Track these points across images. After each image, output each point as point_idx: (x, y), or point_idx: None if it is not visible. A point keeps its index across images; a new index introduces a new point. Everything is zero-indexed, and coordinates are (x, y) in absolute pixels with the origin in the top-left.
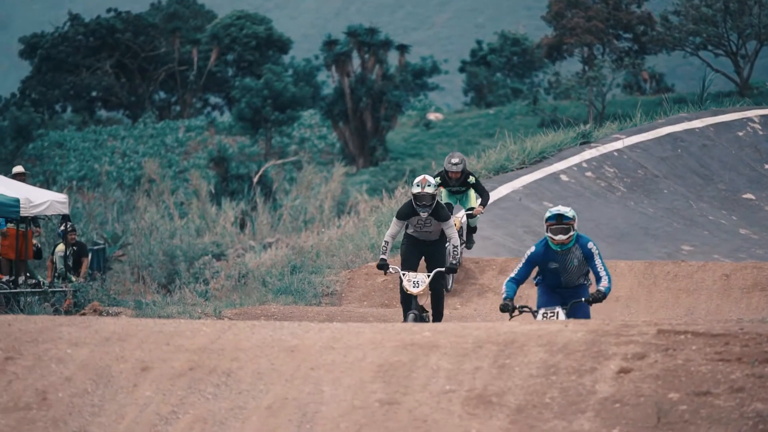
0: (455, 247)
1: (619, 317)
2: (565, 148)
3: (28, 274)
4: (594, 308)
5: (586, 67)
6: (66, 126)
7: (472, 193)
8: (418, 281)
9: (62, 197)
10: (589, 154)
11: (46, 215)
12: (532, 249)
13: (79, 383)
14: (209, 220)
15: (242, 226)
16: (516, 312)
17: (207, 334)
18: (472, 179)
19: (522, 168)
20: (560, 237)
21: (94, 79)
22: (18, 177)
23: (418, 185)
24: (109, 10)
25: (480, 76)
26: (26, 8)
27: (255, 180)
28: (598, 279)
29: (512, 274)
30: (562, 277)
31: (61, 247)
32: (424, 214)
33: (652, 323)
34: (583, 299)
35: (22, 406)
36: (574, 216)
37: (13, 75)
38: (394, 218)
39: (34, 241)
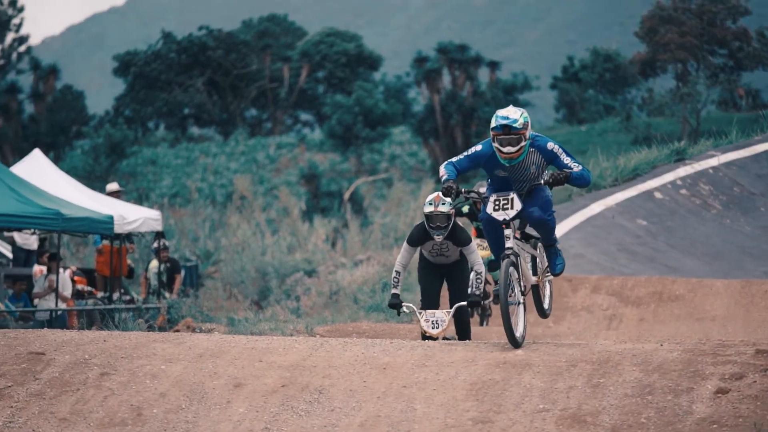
0: (478, 274)
1: (715, 337)
2: (659, 165)
3: (122, 291)
4: (690, 327)
5: (680, 84)
6: (159, 143)
7: None
8: (437, 321)
9: (156, 214)
10: (683, 171)
11: (139, 232)
12: (478, 147)
13: (174, 399)
14: (300, 237)
15: (333, 243)
16: (458, 190)
17: (299, 351)
18: None
19: (615, 185)
20: (508, 149)
21: (186, 97)
22: (113, 194)
23: (430, 203)
24: (201, 28)
25: (572, 92)
26: (120, 27)
27: (346, 197)
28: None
29: (452, 159)
30: (513, 186)
31: (154, 263)
32: (438, 238)
33: (750, 343)
34: (542, 180)
35: (118, 421)
36: (526, 122)
37: (107, 93)
38: (405, 244)
39: (128, 261)
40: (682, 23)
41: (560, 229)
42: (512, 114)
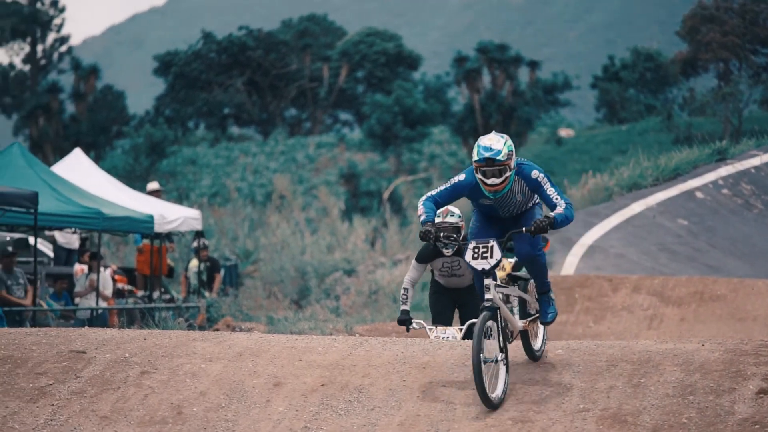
0: None
1: (757, 337)
2: (700, 164)
3: (162, 290)
4: (731, 327)
5: (722, 83)
6: (199, 142)
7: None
8: (448, 337)
9: (196, 213)
10: (725, 170)
11: (179, 231)
12: (461, 177)
13: (214, 398)
14: (340, 237)
15: (372, 243)
16: (436, 235)
17: (339, 350)
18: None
19: (656, 185)
20: (492, 181)
21: (226, 96)
22: (153, 193)
23: (438, 215)
24: (240, 28)
25: (612, 92)
26: (160, 27)
27: (385, 196)
28: (552, 208)
29: (431, 192)
30: (499, 211)
31: (194, 262)
32: (448, 252)
33: None
34: (524, 229)
35: (158, 420)
36: (510, 152)
37: (147, 93)
38: (414, 261)
39: (169, 261)
40: (724, 22)
41: (601, 229)
42: (495, 144)
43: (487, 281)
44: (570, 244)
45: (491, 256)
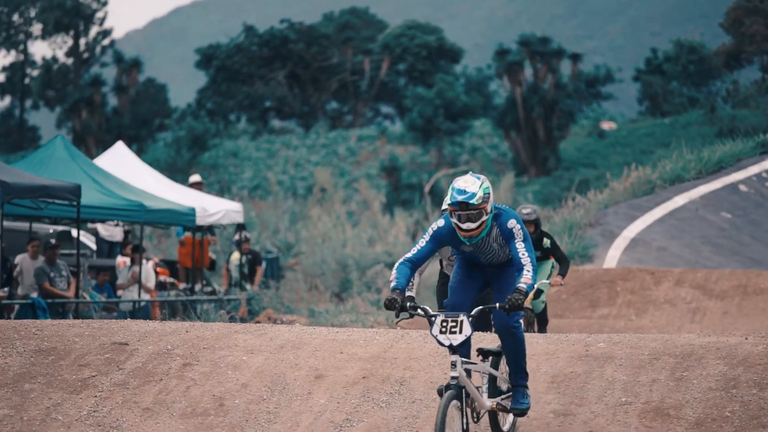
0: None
1: None
2: (744, 157)
3: (204, 282)
4: None
5: (766, 75)
6: (240, 135)
7: (547, 265)
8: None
9: (237, 206)
10: None
11: (221, 224)
12: (440, 223)
13: (255, 390)
14: (381, 230)
15: (414, 236)
16: (405, 315)
17: (380, 343)
18: (547, 242)
19: (699, 178)
20: (468, 226)
21: (267, 90)
22: (195, 186)
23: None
24: (282, 21)
25: (655, 84)
26: (202, 20)
27: (426, 189)
28: (519, 269)
29: (409, 253)
30: (481, 259)
31: (236, 255)
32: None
33: None
34: (497, 305)
35: (200, 411)
36: (486, 195)
37: (189, 85)
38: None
39: (210, 254)
40: None
41: (643, 222)
42: (470, 187)
43: (453, 358)
44: (612, 237)
45: (460, 332)
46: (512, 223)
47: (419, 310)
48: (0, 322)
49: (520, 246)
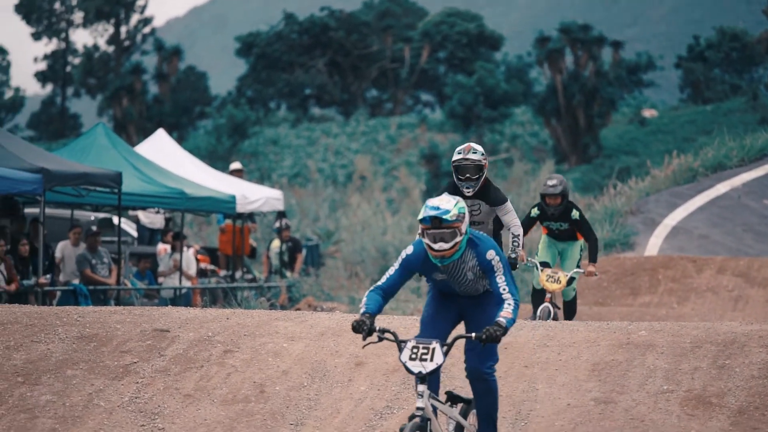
0: (515, 236)
1: None
2: None
3: (244, 269)
4: None
5: None
6: (280, 123)
7: (576, 247)
8: None
9: (278, 194)
10: None
11: (261, 211)
12: (410, 250)
13: (296, 377)
14: None
15: None
16: (373, 337)
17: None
18: (575, 214)
19: (741, 165)
20: (440, 246)
21: (307, 77)
22: (235, 173)
23: (459, 152)
24: (322, 9)
25: (697, 71)
26: (242, 8)
27: None
28: (499, 302)
29: (380, 281)
30: (456, 288)
31: (276, 243)
32: (468, 192)
33: None
34: (473, 335)
35: (241, 398)
36: (460, 214)
37: (229, 73)
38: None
39: (251, 241)
40: None
41: (684, 210)
42: (444, 204)
43: (421, 388)
44: (653, 225)
45: (431, 360)
46: (491, 255)
47: (388, 335)
48: (42, 309)
49: (500, 280)
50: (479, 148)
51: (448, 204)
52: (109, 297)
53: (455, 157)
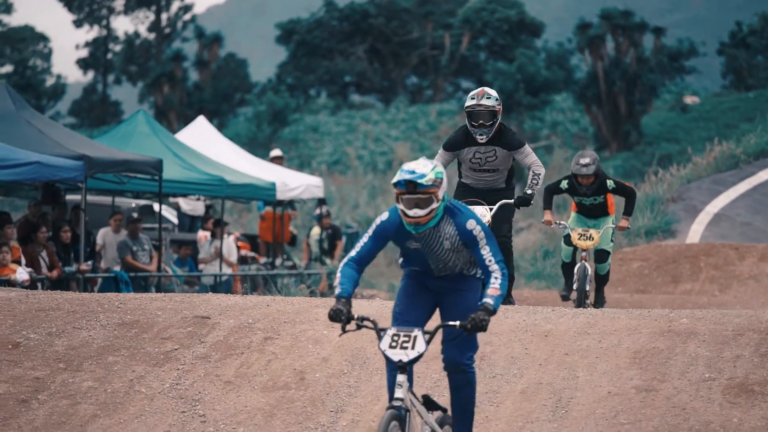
0: (536, 175)
1: None
2: None
3: (284, 256)
4: None
5: None
6: (320, 110)
7: (608, 221)
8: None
9: (317, 181)
10: None
11: (301, 198)
12: (384, 216)
13: (336, 364)
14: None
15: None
16: (352, 325)
17: None
18: (610, 183)
19: None
20: (415, 212)
21: (347, 64)
22: (275, 160)
23: (472, 97)
24: None
25: (739, 58)
26: None
27: None
28: (487, 276)
29: (353, 251)
30: (431, 263)
31: (316, 230)
32: (482, 139)
33: None
34: (458, 323)
35: (281, 385)
36: (437, 179)
37: (269, 61)
38: (441, 150)
39: (291, 228)
40: None
41: (726, 197)
42: (420, 168)
43: (401, 378)
44: (695, 212)
45: (413, 348)
46: (472, 225)
47: (367, 323)
48: (84, 296)
49: (485, 252)
50: (493, 92)
51: (424, 168)
52: (149, 284)
53: (468, 102)
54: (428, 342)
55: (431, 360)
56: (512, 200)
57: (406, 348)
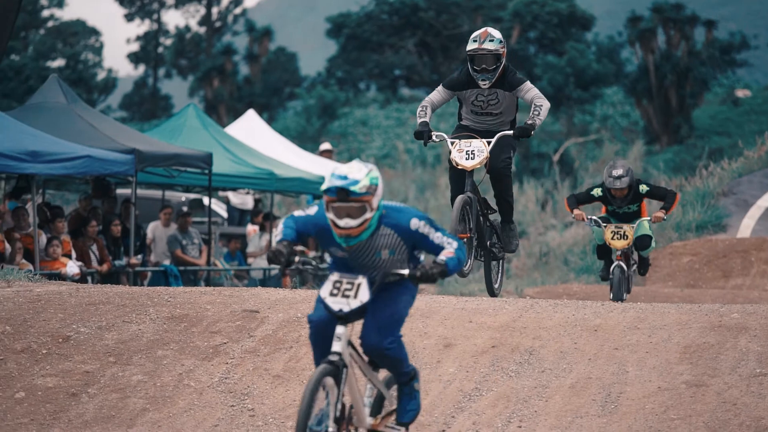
0: (538, 106)
1: None
2: None
3: None
4: None
5: None
6: (370, 104)
7: (645, 221)
8: (472, 151)
9: None
10: None
11: None
12: (313, 209)
13: None
14: None
15: (543, 205)
16: (288, 257)
17: (509, 312)
18: (644, 188)
19: None
20: (346, 222)
21: (397, 58)
22: (325, 154)
23: (474, 40)
24: None
25: None
26: None
27: (555, 158)
28: (438, 252)
29: (296, 212)
30: (358, 272)
31: None
32: (485, 84)
33: None
34: (406, 273)
35: None
36: (372, 185)
37: (319, 54)
38: (440, 86)
39: None
40: None
41: None
42: (353, 173)
43: (340, 330)
44: (746, 207)
45: (355, 297)
46: (415, 224)
47: (308, 266)
48: (134, 289)
49: (437, 237)
50: (497, 34)
51: (358, 173)
52: (199, 278)
53: (470, 46)
54: (373, 292)
55: (480, 355)
56: (511, 132)
57: (348, 296)
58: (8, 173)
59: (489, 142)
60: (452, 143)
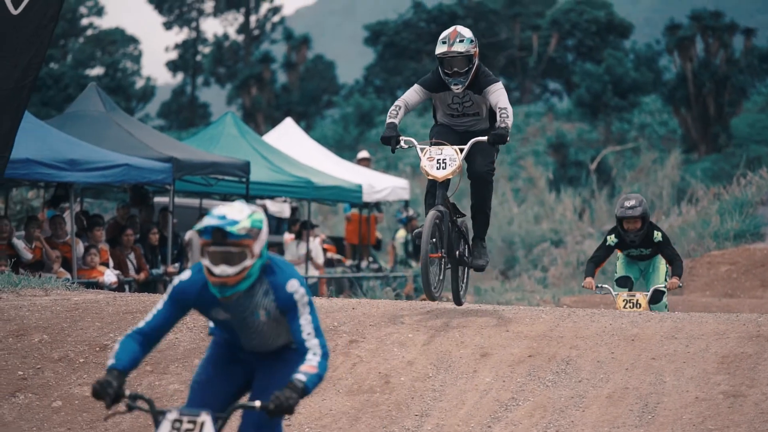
0: (503, 109)
1: None
2: None
3: (370, 259)
4: None
5: None
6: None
7: (661, 264)
8: (444, 159)
9: (404, 183)
10: None
11: (387, 201)
12: (185, 275)
13: (421, 368)
14: (547, 207)
15: (581, 214)
16: (121, 406)
17: (546, 322)
18: (658, 235)
19: None
20: (222, 270)
21: (434, 66)
22: (362, 162)
23: (444, 41)
24: None
25: None
26: None
27: (593, 167)
28: (302, 352)
29: (142, 322)
30: (242, 336)
31: (401, 233)
32: (457, 88)
33: None
34: (258, 404)
35: (366, 389)
36: (254, 230)
37: (357, 62)
38: (416, 84)
39: (377, 233)
40: None
41: None
42: (233, 213)
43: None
44: None
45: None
46: (293, 286)
47: (141, 402)
48: None
49: (304, 322)
50: (467, 33)
51: (239, 213)
52: None
53: (439, 48)
54: (220, 428)
55: (517, 364)
56: (485, 138)
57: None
58: (47, 181)
59: (461, 149)
60: (422, 150)
